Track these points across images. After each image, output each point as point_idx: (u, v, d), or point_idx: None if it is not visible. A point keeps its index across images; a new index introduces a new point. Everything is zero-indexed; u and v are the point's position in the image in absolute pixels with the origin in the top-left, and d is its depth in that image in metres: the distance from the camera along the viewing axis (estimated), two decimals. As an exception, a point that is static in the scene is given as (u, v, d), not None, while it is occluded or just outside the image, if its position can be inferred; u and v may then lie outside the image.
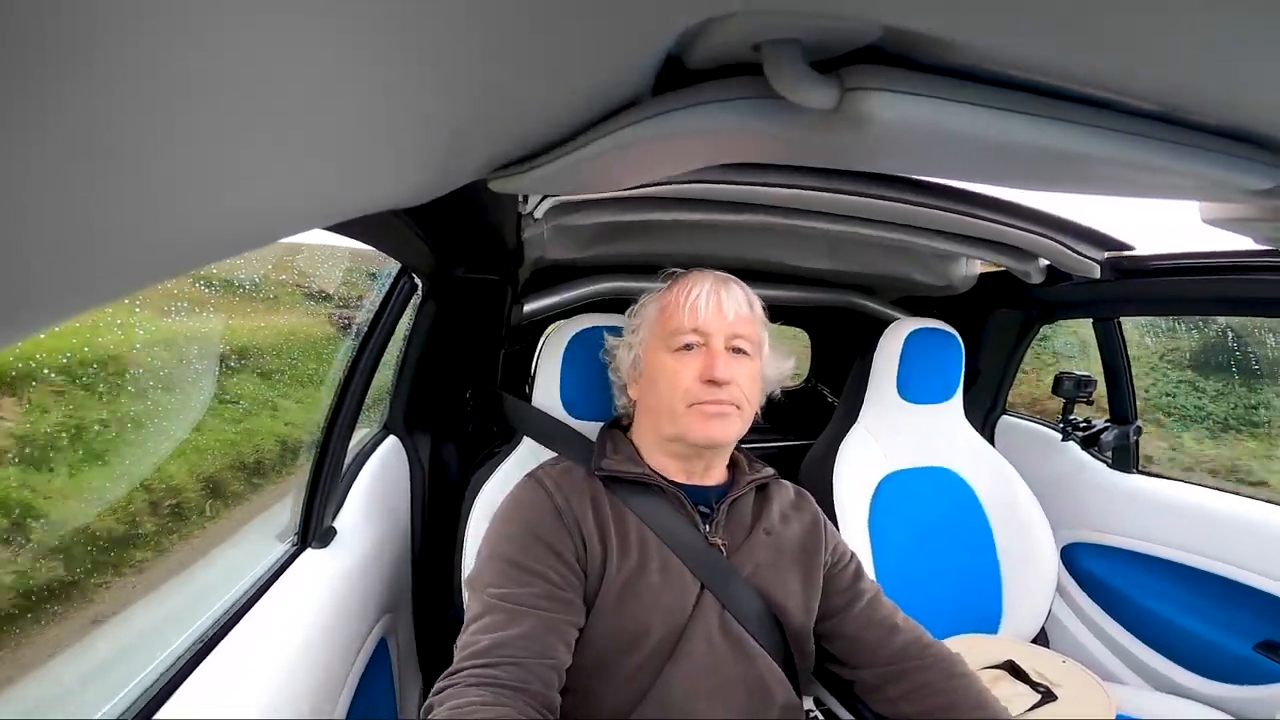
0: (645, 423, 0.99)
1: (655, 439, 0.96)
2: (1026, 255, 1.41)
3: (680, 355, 0.92)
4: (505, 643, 0.76)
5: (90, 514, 1.06)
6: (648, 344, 0.96)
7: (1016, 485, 1.57)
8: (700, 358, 0.91)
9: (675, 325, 0.92)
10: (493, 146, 0.49)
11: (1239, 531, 1.39)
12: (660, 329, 0.95)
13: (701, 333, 0.92)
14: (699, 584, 0.89)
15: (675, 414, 0.91)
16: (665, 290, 0.99)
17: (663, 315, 0.95)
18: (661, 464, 0.96)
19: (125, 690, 0.73)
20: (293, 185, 0.35)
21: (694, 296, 0.93)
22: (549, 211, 1.10)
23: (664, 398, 0.92)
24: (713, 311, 0.92)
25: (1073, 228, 1.31)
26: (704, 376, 0.89)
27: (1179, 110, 0.44)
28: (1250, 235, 0.73)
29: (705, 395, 0.89)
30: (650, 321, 0.97)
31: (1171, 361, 4.62)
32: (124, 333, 1.00)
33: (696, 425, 0.90)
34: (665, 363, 0.92)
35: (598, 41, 0.34)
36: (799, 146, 0.47)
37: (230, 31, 0.20)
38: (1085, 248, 1.36)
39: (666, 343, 0.93)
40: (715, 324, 0.92)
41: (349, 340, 1.22)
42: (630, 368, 1.00)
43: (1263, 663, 1.30)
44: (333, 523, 1.11)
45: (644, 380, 0.97)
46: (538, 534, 0.85)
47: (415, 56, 0.28)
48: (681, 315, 0.93)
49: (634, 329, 1.00)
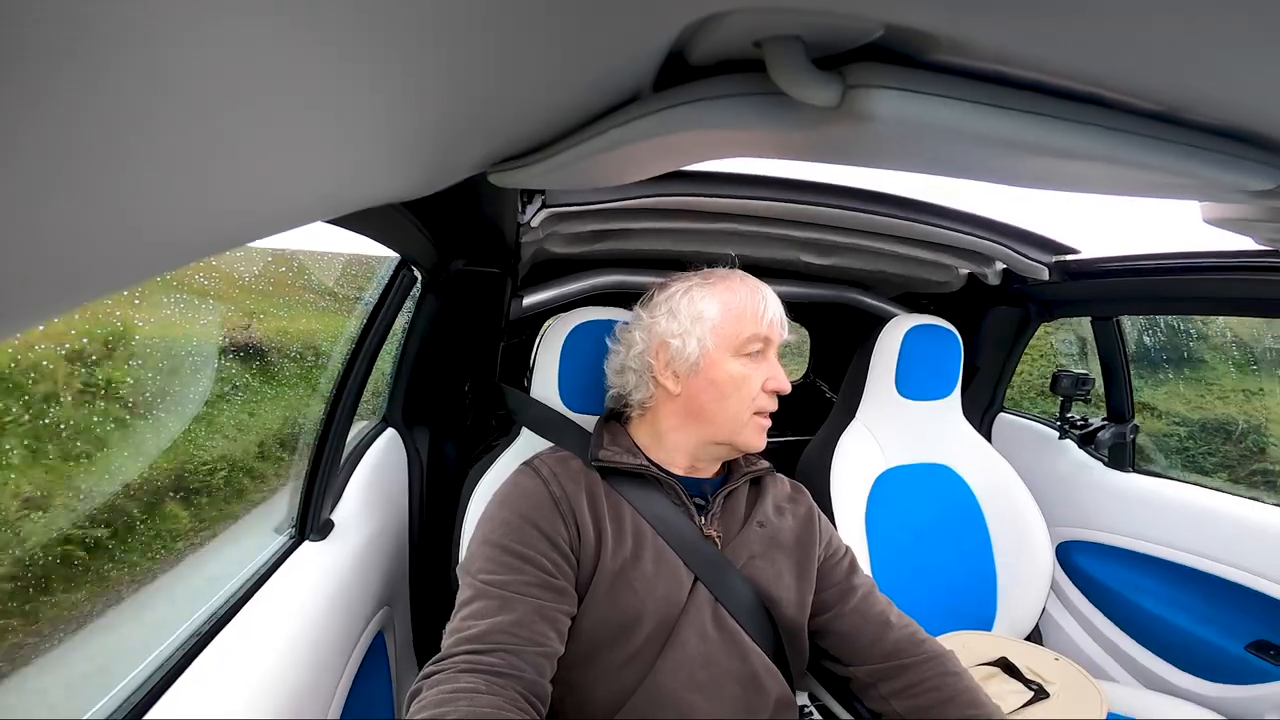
0: (680, 419, 0.95)
1: (691, 437, 0.95)
2: (983, 259, 1.52)
3: (751, 361, 0.92)
4: (498, 629, 0.76)
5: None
6: (715, 342, 0.92)
7: (1013, 482, 1.57)
8: (763, 365, 0.92)
9: (751, 330, 0.92)
10: (493, 141, 0.49)
11: (1233, 531, 1.40)
12: (733, 330, 0.92)
13: (769, 340, 0.93)
14: (692, 576, 0.89)
15: (739, 420, 0.91)
16: (724, 288, 0.95)
17: (732, 315, 0.92)
18: (669, 457, 0.96)
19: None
20: (294, 179, 0.35)
21: (766, 304, 0.93)
22: (545, 221, 1.13)
23: (730, 401, 0.91)
24: (778, 320, 0.93)
25: (1022, 234, 1.44)
26: (769, 387, 0.91)
27: (1180, 110, 0.44)
28: (1251, 236, 0.73)
29: (769, 406, 0.92)
30: (715, 319, 0.93)
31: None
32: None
33: (755, 435, 0.92)
34: (733, 367, 0.91)
35: (599, 37, 0.34)
36: (800, 143, 0.47)
37: (232, 29, 0.20)
38: (1034, 252, 1.48)
39: (739, 346, 0.92)
40: (775, 334, 0.93)
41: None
42: (671, 359, 0.94)
43: (1255, 662, 1.31)
44: (331, 515, 1.12)
45: (701, 378, 0.93)
46: (533, 521, 0.85)
47: (417, 52, 0.28)
48: (758, 321, 0.92)
49: (688, 319, 0.94)
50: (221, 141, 0.26)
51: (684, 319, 0.94)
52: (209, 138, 0.26)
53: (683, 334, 0.93)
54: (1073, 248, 1.51)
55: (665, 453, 0.96)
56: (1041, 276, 1.52)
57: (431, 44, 0.28)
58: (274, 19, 0.21)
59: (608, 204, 1.12)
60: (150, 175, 0.25)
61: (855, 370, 1.58)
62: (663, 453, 0.97)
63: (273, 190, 0.35)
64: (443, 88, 0.34)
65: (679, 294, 0.96)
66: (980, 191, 0.85)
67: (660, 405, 0.97)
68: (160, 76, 0.21)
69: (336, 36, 0.24)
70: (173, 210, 0.29)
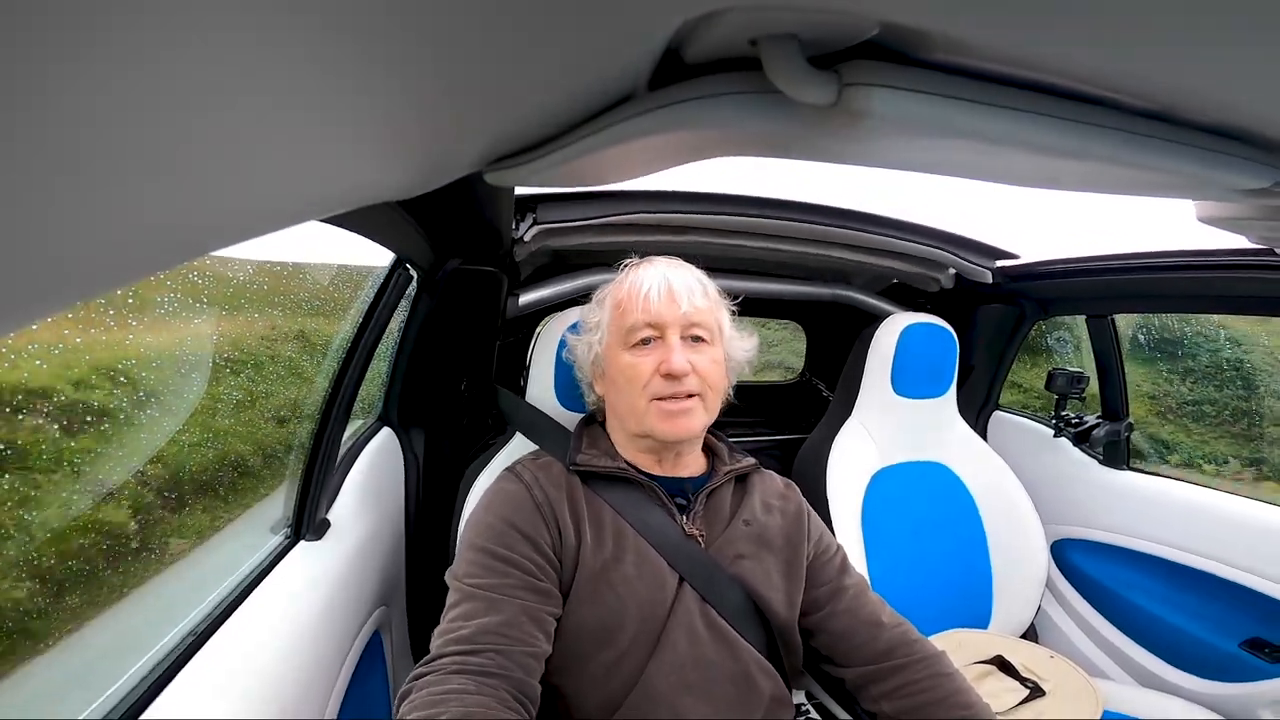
0: (614, 420, 1.00)
1: (625, 435, 0.98)
2: (937, 265, 1.65)
3: (638, 351, 0.92)
4: (485, 630, 0.76)
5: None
6: (606, 342, 0.96)
7: (1008, 480, 1.58)
8: (658, 351, 0.91)
9: (631, 321, 0.92)
10: (488, 139, 0.49)
11: (1228, 529, 1.40)
12: (616, 326, 0.95)
13: (656, 325, 0.91)
14: (677, 576, 0.89)
15: (639, 411, 0.91)
16: (618, 284, 0.98)
17: (617, 312, 0.95)
18: (635, 458, 0.97)
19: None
20: (287, 177, 0.35)
21: (645, 289, 0.92)
22: (535, 236, 1.25)
23: (626, 395, 0.92)
24: (665, 302, 0.91)
25: (967, 242, 1.60)
26: (662, 370, 0.90)
27: (1174, 109, 0.44)
28: (1244, 234, 0.73)
29: (665, 390, 0.90)
30: (607, 319, 0.97)
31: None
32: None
33: (660, 422, 0.91)
34: (624, 360, 0.92)
35: (595, 35, 0.34)
36: (797, 142, 0.47)
37: (224, 28, 0.20)
38: (978, 258, 1.64)
39: (623, 339, 0.93)
40: (669, 315, 0.91)
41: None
42: (592, 365, 1.00)
43: (1249, 660, 1.31)
44: (326, 515, 1.11)
45: (607, 379, 0.97)
46: (516, 525, 0.86)
47: (410, 49, 0.28)
48: (635, 310, 0.92)
49: (592, 326, 1.00)
50: (213, 139, 0.26)
51: (590, 324, 0.99)
52: (200, 135, 0.25)
53: (590, 340, 0.99)
54: (1012, 253, 1.65)
55: (624, 452, 0.98)
56: (985, 280, 1.66)
57: (426, 41, 0.28)
58: (267, 16, 0.21)
59: (594, 220, 1.26)
60: (140, 174, 0.25)
61: (851, 368, 1.58)
62: (630, 453, 0.98)
63: (265, 189, 0.34)
64: (437, 85, 0.34)
65: (595, 299, 1.02)
66: (926, 201, 0.86)
67: (607, 408, 1.01)
68: (150, 73, 0.21)
69: (329, 33, 0.24)
70: (163, 209, 0.29)
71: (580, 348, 1.02)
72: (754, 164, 0.58)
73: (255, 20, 0.21)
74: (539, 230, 1.24)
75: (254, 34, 0.22)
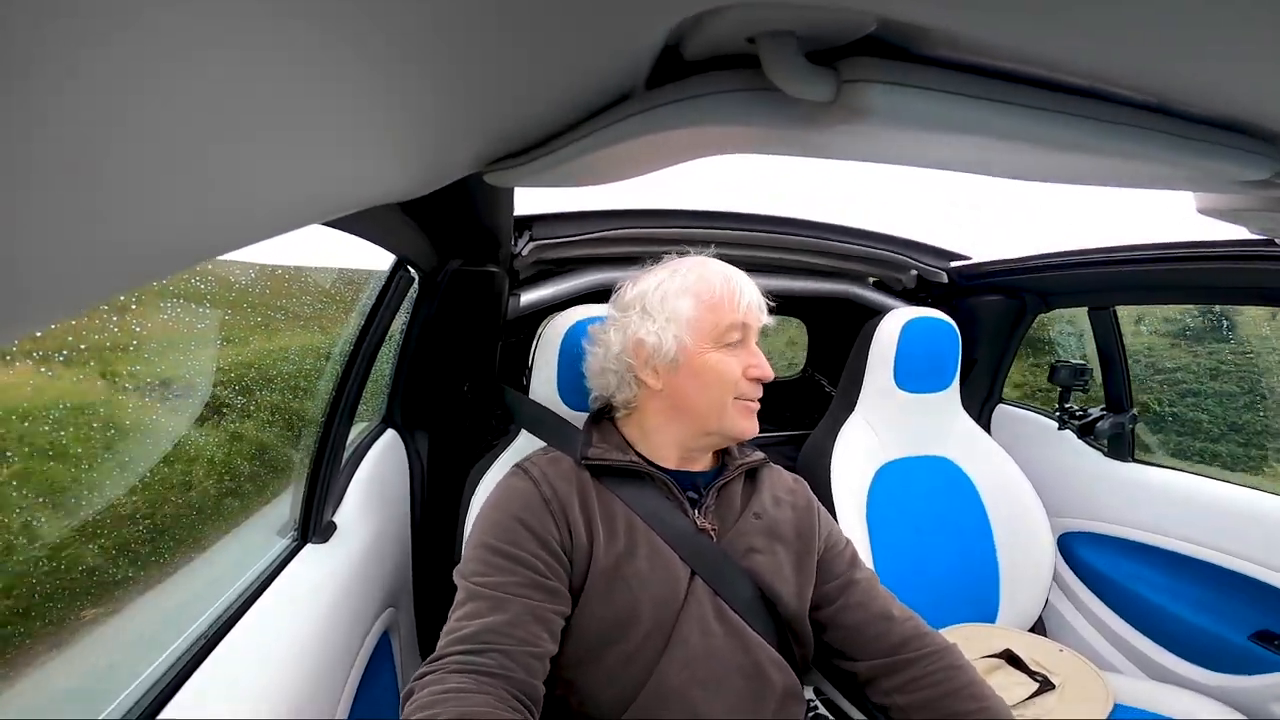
0: (666, 414, 0.96)
1: (680, 431, 0.96)
2: (900, 267, 1.79)
3: (730, 350, 0.93)
4: (489, 629, 0.76)
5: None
6: (693, 336, 0.93)
7: (1013, 474, 1.57)
8: (742, 353, 0.93)
9: (729, 320, 0.92)
10: (487, 140, 0.49)
11: (1235, 521, 1.40)
12: (711, 322, 0.92)
13: (747, 327, 0.94)
14: (689, 570, 0.89)
15: (723, 408, 0.92)
16: (696, 279, 0.95)
17: (708, 308, 0.93)
18: (659, 452, 0.97)
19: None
20: (290, 181, 0.35)
21: (741, 291, 0.94)
22: (532, 250, 1.36)
23: (712, 392, 0.92)
24: (755, 308, 0.94)
25: (923, 247, 1.77)
26: (751, 374, 0.92)
27: (1174, 102, 0.44)
28: (1245, 225, 0.73)
29: (752, 393, 0.93)
30: (693, 314, 0.93)
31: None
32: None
33: (741, 421, 0.93)
34: (714, 357, 0.92)
35: (593, 35, 0.34)
36: (796, 139, 0.47)
37: (226, 31, 0.20)
38: (933, 260, 1.79)
39: (718, 337, 0.92)
40: (755, 321, 0.94)
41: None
42: (650, 356, 0.94)
43: (1258, 652, 1.31)
44: (333, 517, 1.12)
45: (683, 373, 0.93)
46: (524, 522, 0.86)
47: (409, 51, 0.28)
48: (734, 310, 0.93)
49: (662, 317, 0.94)
50: (215, 144, 0.26)
51: (659, 316, 0.94)
52: (202, 140, 0.26)
53: (659, 331, 0.93)
54: (965, 255, 1.81)
55: (654, 448, 0.97)
56: (942, 280, 1.81)
57: (424, 43, 0.28)
58: (267, 20, 0.21)
59: (588, 235, 1.40)
60: (143, 180, 0.25)
61: (854, 364, 1.58)
62: (652, 448, 0.97)
63: (268, 193, 0.35)
64: (436, 87, 0.34)
65: (651, 290, 0.97)
66: (886, 206, 0.87)
67: (645, 403, 0.98)
68: (153, 79, 0.21)
69: (329, 38, 0.24)
70: (166, 215, 0.29)
71: (642, 332, 0.95)
72: (729, 173, 0.58)
73: (256, 26, 0.21)
74: (535, 245, 1.36)
75: (256, 39, 0.22)
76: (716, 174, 1.78)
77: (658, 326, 0.94)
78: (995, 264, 1.74)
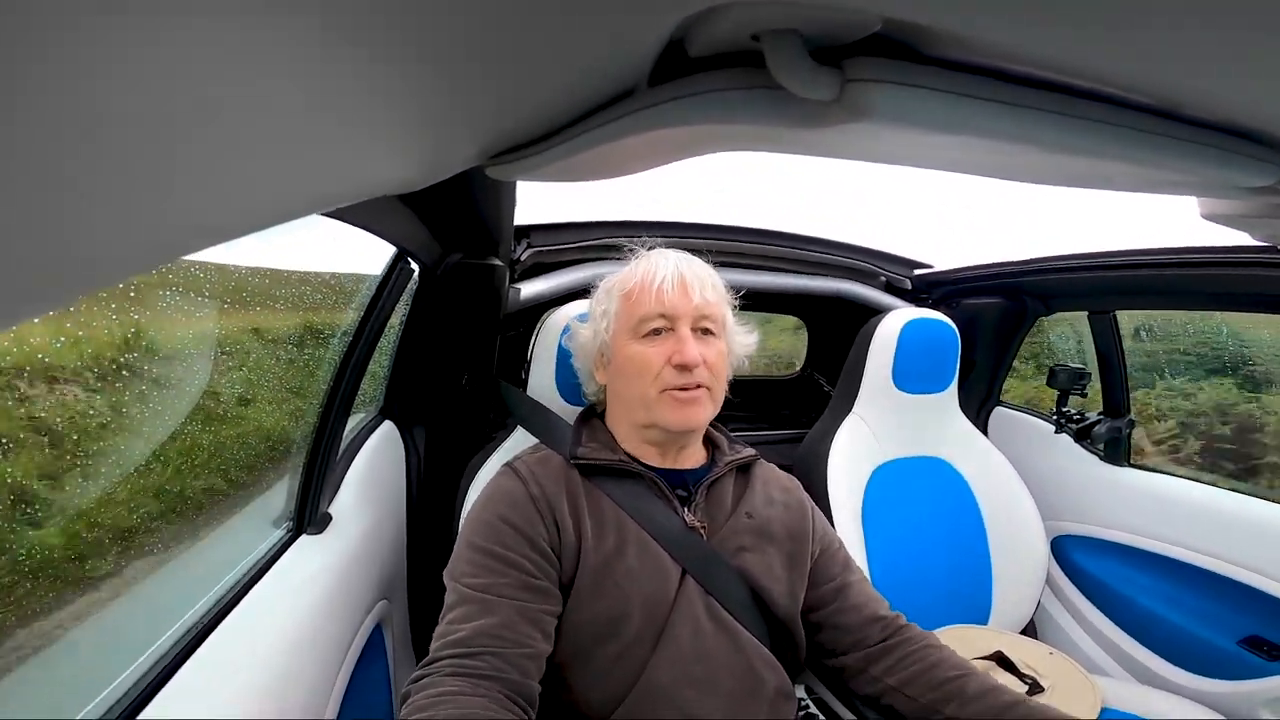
0: (618, 410, 0.99)
1: (629, 426, 0.97)
2: (869, 275, 1.92)
3: (649, 341, 0.91)
4: (481, 633, 0.76)
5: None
6: (614, 331, 0.95)
7: (1009, 476, 1.58)
8: (669, 342, 0.91)
9: (643, 311, 0.92)
10: (490, 134, 0.49)
11: (1228, 527, 1.40)
12: (627, 315, 0.94)
13: (669, 317, 0.91)
14: (679, 568, 0.89)
15: (648, 401, 0.91)
16: (628, 273, 0.97)
17: (628, 300, 0.94)
18: (637, 449, 0.97)
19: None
20: (290, 172, 0.35)
21: (659, 280, 0.92)
22: (530, 255, 1.47)
23: (635, 385, 0.92)
24: (678, 294, 0.91)
25: (889, 256, 1.95)
26: (674, 361, 0.89)
27: (1179, 106, 0.44)
28: (1248, 232, 0.73)
29: (677, 380, 0.90)
30: (615, 307, 0.96)
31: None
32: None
33: (670, 412, 0.90)
34: (634, 350, 0.92)
35: (597, 30, 0.33)
36: (799, 138, 0.47)
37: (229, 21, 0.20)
38: (898, 268, 1.95)
39: (634, 329, 0.92)
40: (682, 307, 0.91)
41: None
42: (598, 355, 0.99)
43: (1248, 658, 1.31)
44: (328, 509, 1.12)
45: (613, 368, 0.96)
46: (511, 522, 0.86)
47: (411, 43, 0.28)
48: (648, 300, 0.92)
49: (598, 315, 0.99)
50: (214, 133, 0.26)
51: (597, 313, 0.98)
52: (201, 130, 0.25)
53: (595, 328, 0.98)
54: (927, 263, 1.96)
55: (631, 445, 0.97)
56: (906, 287, 1.95)
57: (427, 36, 0.28)
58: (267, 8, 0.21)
59: (581, 243, 1.54)
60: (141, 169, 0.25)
61: (852, 363, 1.58)
62: (630, 445, 0.97)
63: (267, 183, 0.34)
64: (438, 80, 0.34)
65: (600, 288, 1.01)
66: (855, 216, 0.87)
67: (608, 399, 1.01)
68: (153, 69, 0.21)
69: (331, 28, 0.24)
70: (166, 203, 0.29)
71: (584, 334, 1.01)
72: (727, 174, 0.58)
73: (256, 16, 0.21)
74: (533, 252, 1.48)
75: (255, 30, 0.22)
76: (706, 174, 1.92)
77: (595, 323, 0.98)
78: (951, 272, 1.89)
